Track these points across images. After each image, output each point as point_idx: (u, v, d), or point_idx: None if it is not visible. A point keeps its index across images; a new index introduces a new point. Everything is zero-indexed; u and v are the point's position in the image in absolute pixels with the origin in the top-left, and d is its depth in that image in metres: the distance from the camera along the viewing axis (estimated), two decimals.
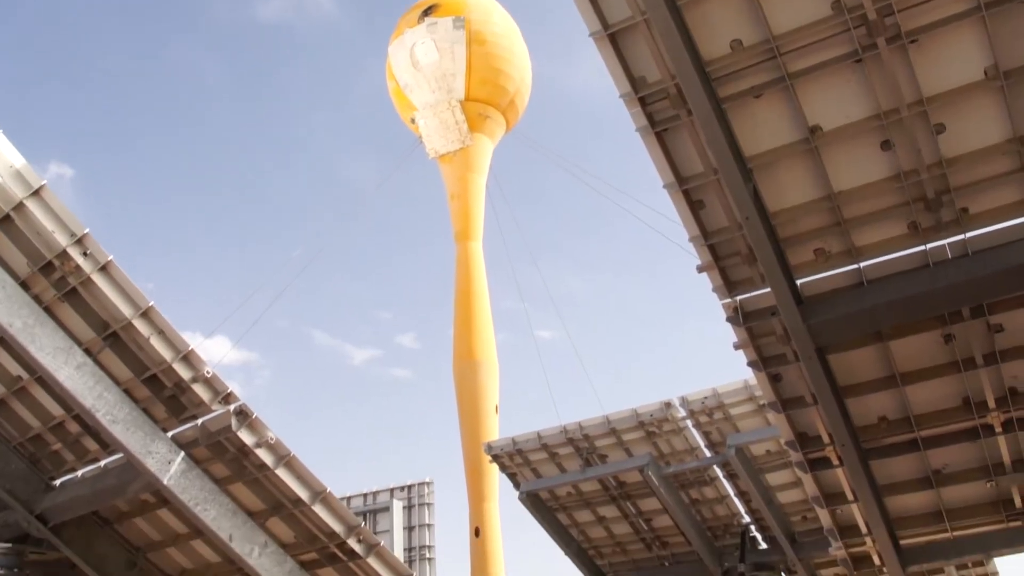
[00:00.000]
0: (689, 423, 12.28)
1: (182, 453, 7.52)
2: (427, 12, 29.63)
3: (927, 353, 6.31)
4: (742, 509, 13.05)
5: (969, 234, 5.50)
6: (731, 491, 12.87)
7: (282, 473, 7.56)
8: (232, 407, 7.37)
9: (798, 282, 5.88)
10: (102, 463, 8.77)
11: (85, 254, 7.10)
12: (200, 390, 7.53)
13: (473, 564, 34.96)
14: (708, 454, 12.47)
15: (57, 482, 9.12)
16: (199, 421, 7.55)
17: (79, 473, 9.02)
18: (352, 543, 7.86)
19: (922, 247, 5.63)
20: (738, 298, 6.11)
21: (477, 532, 34.98)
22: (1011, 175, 5.25)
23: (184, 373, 7.45)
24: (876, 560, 7.97)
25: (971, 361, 6.22)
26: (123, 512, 8.90)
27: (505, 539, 35.51)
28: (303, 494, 7.64)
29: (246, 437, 7.36)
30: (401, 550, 14.33)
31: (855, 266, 5.81)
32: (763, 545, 13.23)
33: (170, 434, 7.60)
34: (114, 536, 9.14)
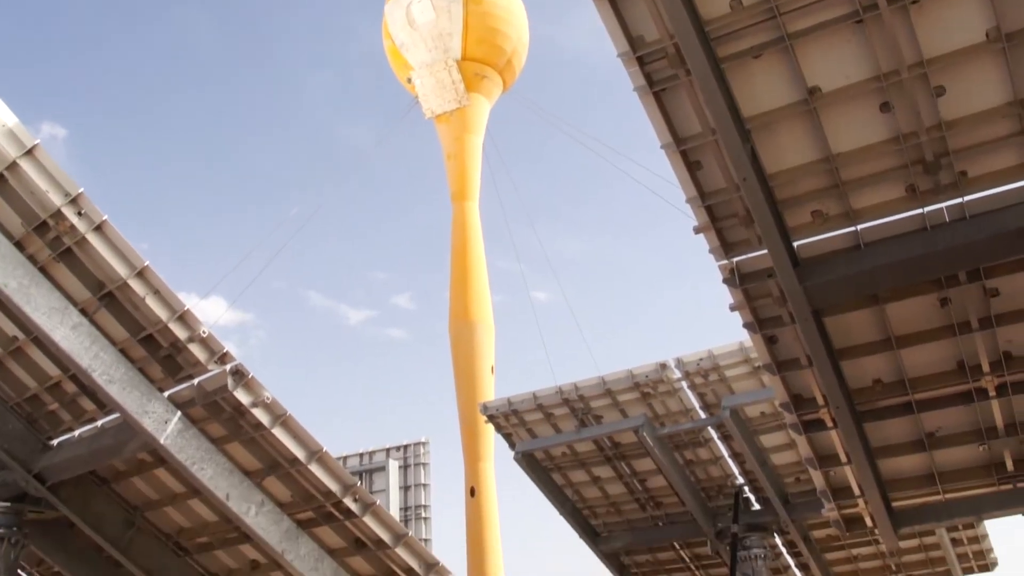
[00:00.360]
0: (684, 384, 12.32)
1: (179, 413, 7.53)
2: None
3: (923, 316, 6.32)
4: (736, 470, 13.12)
5: (967, 198, 5.48)
6: (725, 452, 12.94)
7: (278, 432, 7.58)
8: (228, 367, 7.37)
9: (795, 244, 5.87)
10: (99, 423, 8.79)
11: (80, 214, 7.07)
12: (196, 350, 7.52)
13: (468, 524, 35.20)
14: (703, 415, 12.52)
15: (54, 442, 9.14)
16: (195, 381, 7.55)
17: (76, 433, 9.04)
18: (348, 502, 7.90)
19: (920, 210, 5.61)
20: (735, 259, 6.10)
21: (472, 492, 35.20)
22: (1011, 138, 5.23)
23: (180, 333, 7.44)
24: (868, 522, 8.03)
25: (966, 325, 6.23)
26: (120, 471, 8.94)
27: (500, 499, 35.73)
28: (299, 453, 7.67)
29: (242, 397, 7.37)
30: (397, 509, 14.42)
31: (852, 228, 5.80)
32: (756, 506, 13.33)
33: (166, 394, 7.61)
34: (111, 495, 9.17)
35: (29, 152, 6.96)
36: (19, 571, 9.66)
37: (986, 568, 14.37)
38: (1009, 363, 6.48)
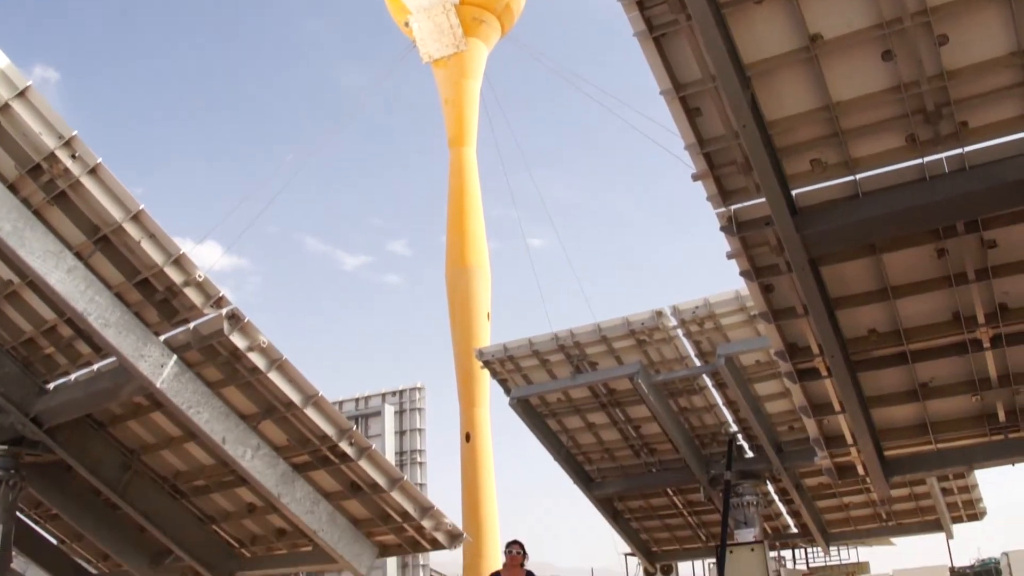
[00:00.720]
0: (680, 332, 12.35)
1: (174, 357, 7.54)
2: None
3: (919, 267, 6.31)
4: (730, 418, 13.21)
5: (967, 148, 5.44)
6: (719, 400, 13.01)
7: (274, 377, 7.60)
8: (224, 311, 7.37)
9: (793, 192, 5.84)
10: (95, 367, 8.80)
11: (73, 156, 7.01)
12: (192, 294, 7.51)
13: (463, 468, 35.50)
14: (698, 363, 12.58)
15: (51, 385, 9.16)
16: (191, 325, 7.55)
17: (72, 377, 9.06)
18: (344, 446, 7.95)
19: (919, 160, 5.58)
20: (732, 207, 6.07)
21: (468, 437, 35.46)
22: (1012, 89, 5.18)
23: (176, 277, 7.42)
24: (860, 470, 8.09)
25: (963, 276, 6.22)
26: (117, 415, 8.97)
27: (495, 444, 36.04)
28: (295, 397, 7.70)
29: (238, 341, 7.38)
30: (392, 454, 14.51)
31: (851, 178, 5.76)
32: (749, 454, 13.44)
33: (162, 338, 7.62)
34: (108, 439, 9.22)
35: (22, 94, 6.88)
36: (17, 513, 9.73)
37: (975, 517, 14.55)
38: (1004, 315, 6.49)
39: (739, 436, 13.29)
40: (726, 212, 6.06)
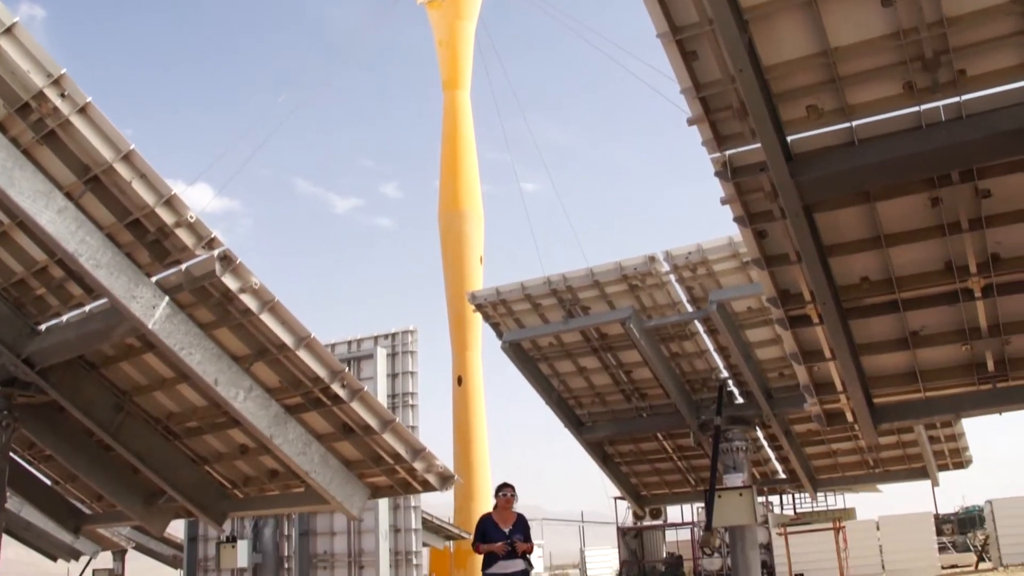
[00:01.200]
0: (672, 278, 12.36)
1: (166, 298, 7.52)
2: None
3: (913, 215, 6.30)
4: (721, 364, 13.26)
5: (964, 97, 5.40)
6: (711, 346, 13.06)
7: (266, 318, 7.59)
8: (216, 252, 7.34)
9: (789, 138, 5.80)
10: (87, 308, 8.79)
11: (63, 95, 6.92)
12: (183, 235, 7.47)
13: (455, 411, 35.79)
14: (690, 309, 12.60)
15: (42, 327, 9.16)
16: (183, 266, 7.53)
17: (64, 318, 9.05)
18: (336, 388, 7.96)
19: (916, 108, 5.54)
20: (727, 152, 6.03)
21: (460, 380, 35.72)
22: (1012, 37, 5.12)
23: (167, 218, 7.38)
24: (849, 417, 8.14)
25: (956, 226, 6.21)
26: (109, 356, 8.97)
27: (486, 388, 36.25)
28: (287, 339, 7.70)
29: (230, 282, 7.36)
30: (384, 396, 14.56)
31: (847, 124, 5.72)
32: (739, 400, 13.52)
33: (154, 279, 7.59)
34: (101, 380, 9.23)
35: (8, 30, 6.77)
36: (11, 454, 9.78)
37: (961, 466, 14.70)
38: (996, 265, 6.49)
39: (729, 382, 13.36)
40: (721, 157, 6.02)
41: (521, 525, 11.76)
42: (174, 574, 40.89)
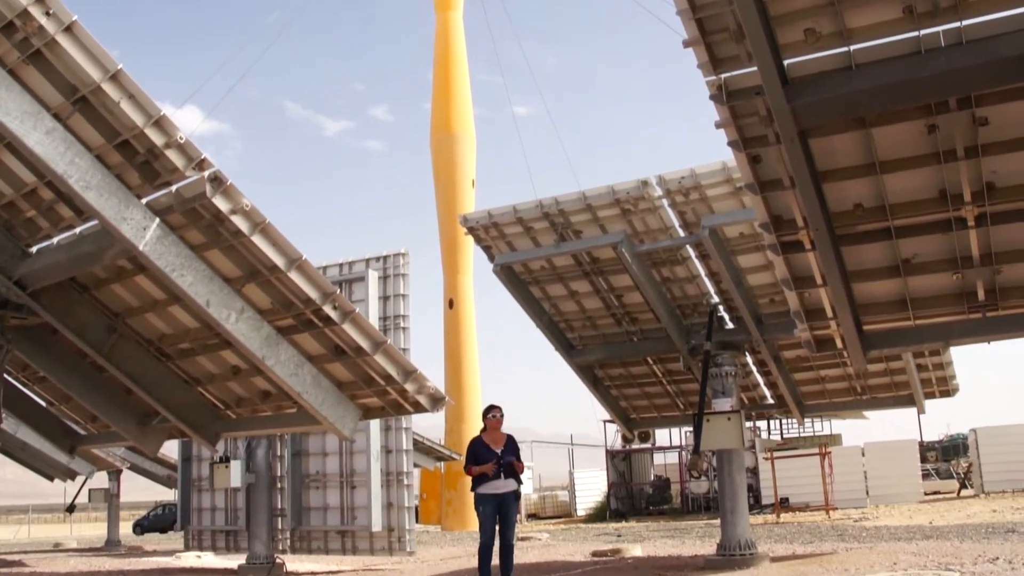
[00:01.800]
0: (665, 202, 12.32)
1: (157, 220, 7.49)
2: None
3: (909, 142, 6.26)
4: (712, 289, 13.30)
5: (966, 22, 5.33)
6: (702, 271, 13.08)
7: (257, 240, 7.57)
8: (206, 173, 7.29)
9: (785, 62, 5.73)
10: (77, 230, 8.75)
11: (47, 13, 6.79)
12: (173, 156, 7.40)
13: (446, 335, 35.95)
14: (682, 234, 12.59)
15: (33, 249, 9.12)
16: (173, 188, 7.48)
17: (55, 240, 9.01)
18: (328, 309, 7.97)
19: (915, 33, 5.46)
20: (723, 76, 5.96)
21: (451, 304, 35.82)
22: None
23: (156, 139, 7.30)
24: (839, 343, 8.19)
25: (952, 153, 6.18)
26: (101, 279, 8.96)
27: (477, 311, 36.40)
28: (279, 261, 7.68)
29: (221, 204, 7.32)
30: (376, 319, 14.58)
31: (845, 49, 5.65)
32: (730, 325, 13.58)
33: (144, 201, 7.55)
34: (92, 302, 9.23)
35: None
36: (6, 376, 9.82)
37: (947, 394, 14.84)
38: (991, 193, 6.47)
39: (720, 307, 13.41)
40: (716, 80, 5.96)
41: (512, 446, 11.86)
42: (169, 494, 41.49)
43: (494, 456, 11.56)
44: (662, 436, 36.73)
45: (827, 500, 26.09)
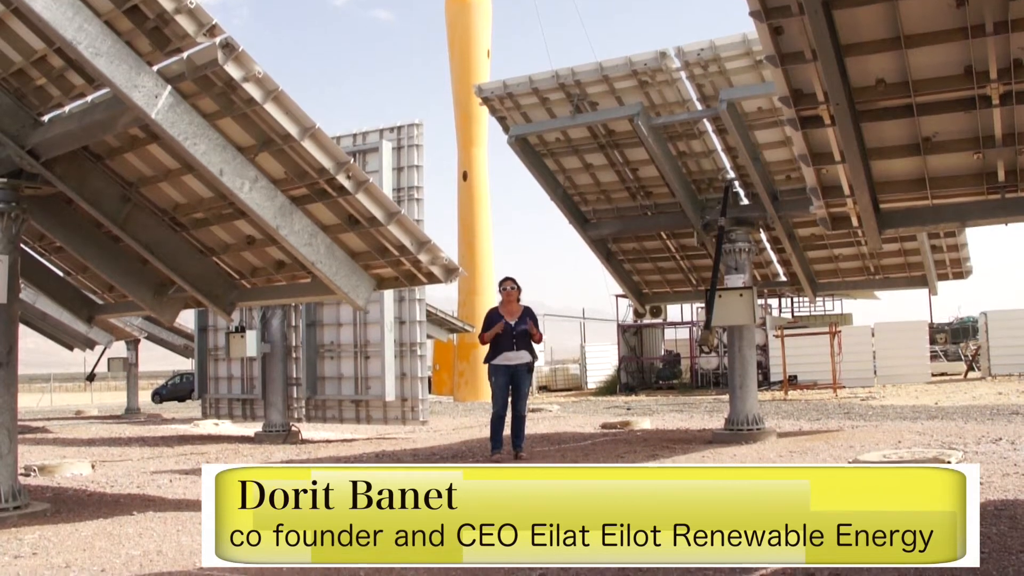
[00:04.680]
0: (683, 75, 12.14)
1: (169, 87, 7.39)
2: None
3: (937, 16, 6.08)
4: (728, 164, 13.20)
5: None
6: (719, 146, 12.97)
7: (270, 108, 7.48)
8: (217, 40, 7.16)
9: None
10: (88, 98, 8.66)
11: None
12: (184, 21, 7.26)
13: (460, 207, 35.96)
14: (699, 107, 12.44)
15: (45, 118, 9.04)
16: (184, 55, 7.36)
17: (66, 108, 8.92)
18: (341, 179, 7.93)
19: None
20: None
21: (465, 176, 35.71)
22: None
23: (166, 4, 7.15)
24: (854, 221, 8.13)
25: (980, 28, 6.00)
26: (114, 148, 8.91)
27: (491, 184, 36.31)
28: (292, 129, 7.61)
29: (233, 71, 7.21)
30: (390, 190, 14.55)
31: None
32: (745, 201, 13.53)
33: (155, 68, 7.44)
34: (106, 171, 9.20)
35: None
36: (22, 246, 9.88)
37: (960, 276, 14.81)
38: (1018, 71, 6.31)
39: (736, 183, 13.33)
40: None
41: (528, 315, 11.99)
42: (186, 363, 42.21)
43: (510, 327, 11.71)
44: (674, 311, 36.96)
45: (835, 379, 26.38)
